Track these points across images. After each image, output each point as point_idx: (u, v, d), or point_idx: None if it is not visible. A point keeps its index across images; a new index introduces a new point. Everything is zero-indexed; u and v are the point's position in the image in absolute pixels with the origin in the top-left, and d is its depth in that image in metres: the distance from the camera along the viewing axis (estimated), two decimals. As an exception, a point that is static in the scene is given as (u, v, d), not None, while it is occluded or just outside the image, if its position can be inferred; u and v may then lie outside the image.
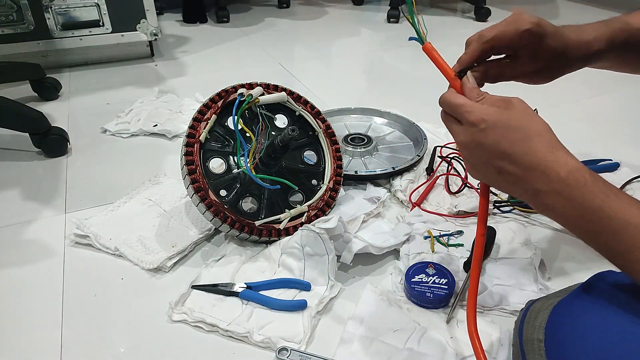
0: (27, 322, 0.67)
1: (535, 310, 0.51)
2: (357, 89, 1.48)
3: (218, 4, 2.16)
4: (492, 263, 0.74)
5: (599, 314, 0.45)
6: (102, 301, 0.71)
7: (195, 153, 0.76)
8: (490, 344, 0.61)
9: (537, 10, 2.40)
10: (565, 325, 0.46)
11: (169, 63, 1.69)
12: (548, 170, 0.45)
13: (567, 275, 0.74)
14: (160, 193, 0.92)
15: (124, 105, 1.30)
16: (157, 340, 0.64)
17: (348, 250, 0.74)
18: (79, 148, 1.12)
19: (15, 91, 1.40)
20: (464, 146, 0.51)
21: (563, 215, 0.46)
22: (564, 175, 0.44)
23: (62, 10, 1.50)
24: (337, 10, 2.42)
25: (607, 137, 1.17)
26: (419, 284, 0.69)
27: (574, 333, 0.45)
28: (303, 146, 0.88)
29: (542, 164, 0.45)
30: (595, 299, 0.46)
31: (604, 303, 0.45)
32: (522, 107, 0.49)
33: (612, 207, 0.42)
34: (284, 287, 0.71)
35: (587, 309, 0.46)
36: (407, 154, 1.03)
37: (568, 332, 0.45)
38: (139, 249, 0.78)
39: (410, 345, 0.61)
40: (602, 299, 0.46)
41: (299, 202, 0.83)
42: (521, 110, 0.48)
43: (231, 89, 0.82)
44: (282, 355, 0.60)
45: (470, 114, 0.49)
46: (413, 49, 1.85)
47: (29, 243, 0.83)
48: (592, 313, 0.45)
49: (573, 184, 0.44)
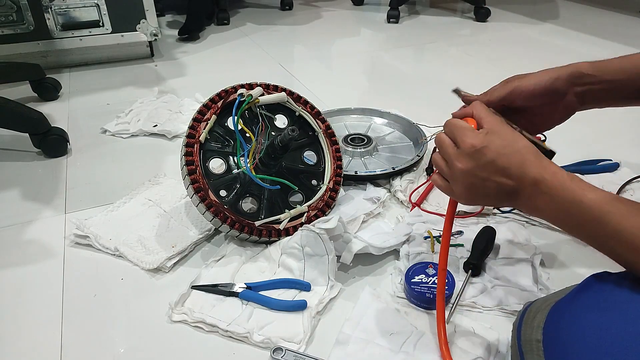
0: (27, 322, 0.68)
1: (533, 311, 0.51)
2: (357, 89, 1.48)
3: (219, 6, 2.16)
4: (491, 263, 0.74)
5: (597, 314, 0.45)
6: (102, 301, 0.71)
7: (195, 153, 0.76)
8: (488, 345, 0.61)
9: (537, 10, 2.40)
10: (563, 326, 0.46)
11: (168, 63, 1.69)
12: (537, 177, 0.51)
13: (567, 275, 0.74)
14: (160, 193, 0.92)
15: (124, 106, 1.30)
16: (157, 341, 0.64)
17: (348, 250, 0.74)
18: (79, 148, 1.12)
19: (15, 91, 1.40)
20: (463, 172, 0.54)
21: (552, 214, 0.52)
22: (549, 178, 0.51)
23: (62, 11, 1.50)
24: (337, 10, 2.42)
25: (607, 137, 1.17)
26: (418, 284, 0.69)
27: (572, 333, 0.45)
28: (303, 146, 0.88)
29: (533, 172, 0.51)
30: (592, 299, 0.47)
31: (601, 303, 0.45)
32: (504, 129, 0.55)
33: (590, 198, 0.48)
34: (284, 288, 0.71)
35: (584, 309, 0.46)
36: (407, 154, 1.04)
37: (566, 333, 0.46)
38: (139, 249, 0.78)
39: (405, 349, 0.61)
40: (599, 299, 0.46)
41: (298, 203, 0.83)
42: (506, 132, 0.55)
43: (231, 89, 0.82)
44: (277, 355, 0.61)
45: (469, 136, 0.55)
46: (413, 49, 1.85)
47: (29, 243, 0.83)
48: (590, 313, 0.45)
49: (557, 184, 0.50)
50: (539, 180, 0.51)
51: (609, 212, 0.47)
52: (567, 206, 0.49)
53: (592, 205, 0.48)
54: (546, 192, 0.50)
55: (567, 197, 0.49)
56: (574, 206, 0.49)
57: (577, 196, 0.49)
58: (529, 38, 1.91)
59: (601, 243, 0.48)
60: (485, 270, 0.73)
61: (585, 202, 0.48)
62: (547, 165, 0.52)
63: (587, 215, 0.48)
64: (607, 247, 0.48)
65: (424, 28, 2.12)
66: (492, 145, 0.53)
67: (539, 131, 0.67)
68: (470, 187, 0.55)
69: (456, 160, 0.55)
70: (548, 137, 1.04)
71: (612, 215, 0.46)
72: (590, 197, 0.48)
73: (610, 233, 0.46)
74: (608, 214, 0.47)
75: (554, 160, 0.54)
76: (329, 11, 2.40)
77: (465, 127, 0.56)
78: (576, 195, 0.49)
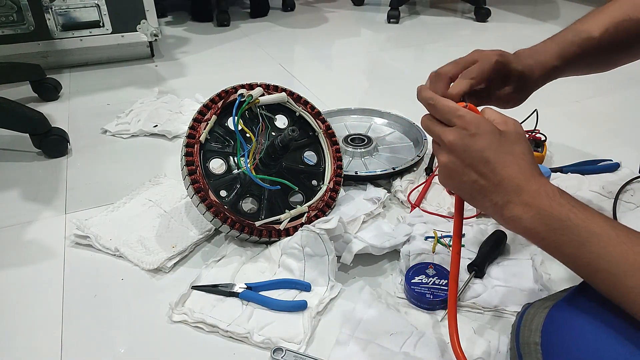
0: (27, 322, 0.68)
1: (532, 313, 0.51)
2: (357, 90, 1.48)
3: (219, 7, 2.16)
4: (492, 264, 0.74)
5: (595, 316, 0.45)
6: (102, 302, 0.71)
7: (195, 153, 0.76)
8: (488, 347, 0.61)
9: (537, 10, 2.40)
10: (561, 328, 0.46)
11: (169, 64, 1.69)
12: (522, 184, 0.48)
13: (568, 276, 0.74)
14: (160, 194, 0.92)
15: (124, 106, 1.30)
16: (157, 341, 0.64)
17: (348, 250, 0.74)
18: (79, 149, 1.12)
19: (15, 92, 1.40)
20: (449, 147, 0.52)
21: (529, 227, 0.47)
22: (535, 188, 0.47)
23: (62, 11, 1.50)
24: (337, 11, 2.42)
25: (607, 137, 1.17)
26: (418, 285, 0.69)
27: (570, 335, 0.45)
28: (303, 147, 0.88)
29: (519, 177, 0.48)
30: (591, 301, 0.46)
31: (599, 305, 0.45)
32: (516, 128, 0.52)
33: (579, 217, 0.44)
34: (284, 288, 0.71)
35: (583, 311, 0.46)
36: (407, 154, 1.03)
37: (564, 335, 0.45)
38: (139, 249, 0.78)
39: (406, 349, 0.61)
40: (597, 302, 0.45)
41: (299, 203, 0.83)
42: (514, 131, 0.51)
43: (231, 89, 0.82)
44: (277, 355, 0.60)
45: (464, 118, 0.52)
46: (413, 50, 1.85)
47: (29, 244, 0.83)
48: (588, 315, 0.45)
49: (543, 195, 0.47)
50: (522, 188, 0.47)
51: (597, 234, 0.43)
52: (551, 221, 0.45)
53: (580, 224, 0.44)
54: (528, 202, 0.47)
55: (553, 211, 0.45)
56: (559, 222, 0.45)
57: (564, 212, 0.45)
58: (529, 38, 1.91)
59: (580, 267, 0.45)
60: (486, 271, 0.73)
61: (572, 220, 0.44)
62: (537, 175, 0.49)
63: (573, 235, 0.44)
64: (590, 273, 0.44)
65: (424, 28, 2.12)
66: (486, 136, 0.50)
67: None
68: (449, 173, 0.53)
69: (444, 135, 0.52)
70: (548, 137, 1.04)
71: (599, 239, 0.43)
72: (579, 216, 0.44)
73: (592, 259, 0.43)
74: (595, 236, 0.43)
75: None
76: (330, 12, 2.40)
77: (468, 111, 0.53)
78: (563, 211, 0.45)
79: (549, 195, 0.46)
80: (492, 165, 0.49)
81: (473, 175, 0.50)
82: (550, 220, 0.46)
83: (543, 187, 0.47)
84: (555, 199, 0.46)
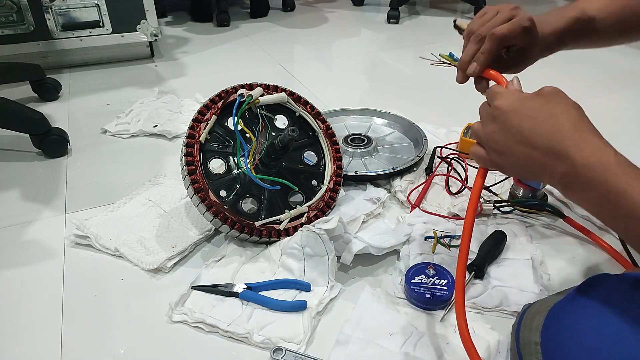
0: (27, 322, 0.67)
1: (532, 314, 0.51)
2: (357, 90, 1.48)
3: (219, 7, 2.17)
4: (492, 264, 0.74)
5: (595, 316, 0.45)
6: (102, 302, 0.71)
7: (195, 154, 0.76)
8: (488, 347, 0.61)
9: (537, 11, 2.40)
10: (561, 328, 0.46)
11: (169, 64, 1.69)
12: (570, 152, 0.43)
13: (568, 276, 0.74)
14: (160, 194, 0.92)
15: (124, 106, 1.30)
16: (157, 341, 0.64)
17: (348, 250, 0.74)
18: (79, 149, 1.12)
19: (15, 92, 1.40)
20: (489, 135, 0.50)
21: (585, 198, 0.44)
22: (587, 154, 0.42)
23: (62, 11, 1.50)
24: (337, 11, 2.42)
25: (609, 137, 1.15)
26: (418, 285, 0.69)
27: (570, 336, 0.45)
28: (303, 147, 0.88)
29: (565, 143, 0.43)
30: (590, 301, 0.46)
31: (599, 306, 0.45)
32: (551, 90, 0.48)
33: (636, 191, 0.40)
34: (284, 288, 0.71)
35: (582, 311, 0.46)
36: (407, 154, 1.03)
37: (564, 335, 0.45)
38: (139, 249, 0.78)
39: (406, 349, 0.61)
40: (597, 302, 0.45)
41: (299, 203, 0.83)
42: (549, 93, 0.48)
43: (231, 89, 0.82)
44: (277, 355, 0.60)
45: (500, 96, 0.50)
46: (413, 50, 1.85)
47: (29, 244, 0.83)
48: (588, 316, 0.45)
49: (597, 164, 0.42)
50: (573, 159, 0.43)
51: None
52: (606, 193, 0.41)
53: (637, 199, 0.39)
54: (581, 174, 0.42)
55: (608, 183, 0.41)
56: (614, 195, 0.41)
57: (621, 185, 0.40)
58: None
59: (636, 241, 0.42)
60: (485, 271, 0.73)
61: (628, 193, 0.40)
62: (587, 137, 0.44)
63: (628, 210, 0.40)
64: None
65: (424, 28, 2.12)
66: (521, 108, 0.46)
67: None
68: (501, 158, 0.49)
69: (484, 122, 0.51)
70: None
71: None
72: (637, 190, 0.40)
73: None
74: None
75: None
76: (330, 12, 2.40)
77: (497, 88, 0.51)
78: (620, 184, 0.40)
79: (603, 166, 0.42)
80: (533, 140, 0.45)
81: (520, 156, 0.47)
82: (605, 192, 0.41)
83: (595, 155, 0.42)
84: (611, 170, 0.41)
